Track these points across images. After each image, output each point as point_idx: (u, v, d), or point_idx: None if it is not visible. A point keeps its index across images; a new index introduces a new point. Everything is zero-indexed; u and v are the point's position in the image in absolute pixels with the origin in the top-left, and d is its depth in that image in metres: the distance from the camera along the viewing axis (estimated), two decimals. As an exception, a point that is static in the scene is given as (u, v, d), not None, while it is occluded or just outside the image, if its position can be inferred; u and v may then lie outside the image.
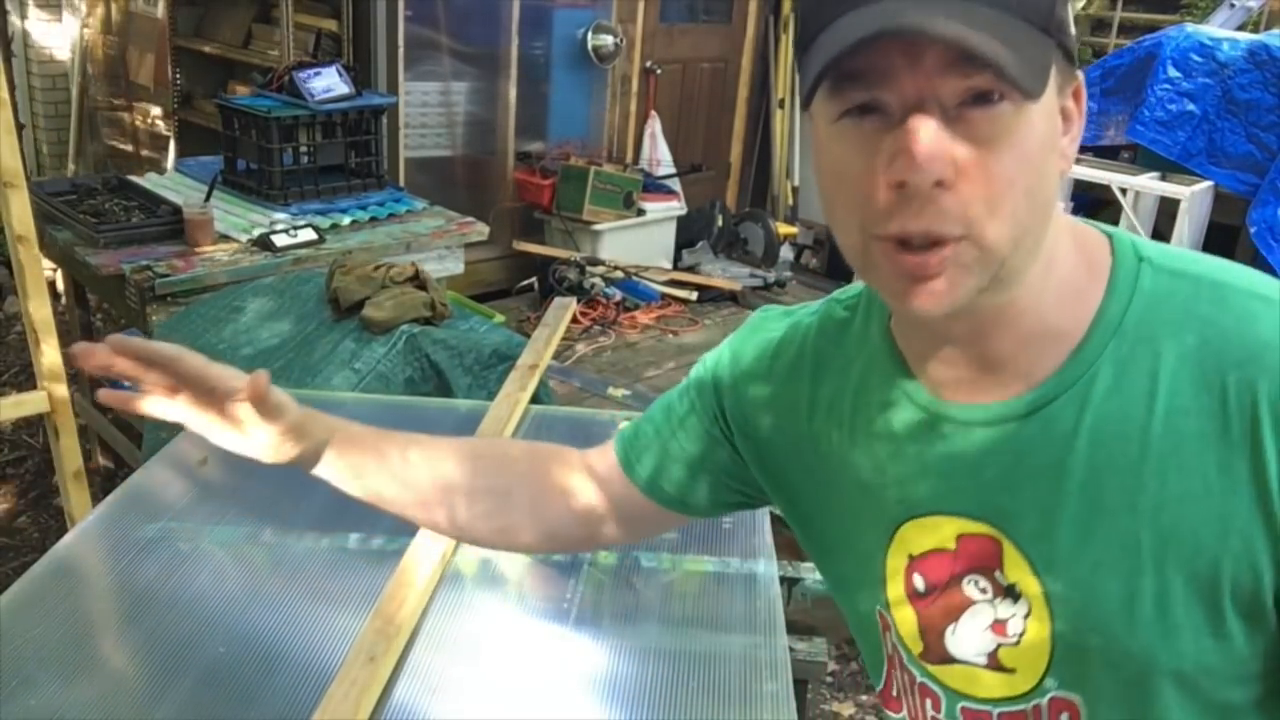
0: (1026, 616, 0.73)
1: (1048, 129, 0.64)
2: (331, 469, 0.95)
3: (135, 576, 1.49)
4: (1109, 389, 0.69)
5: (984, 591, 0.75)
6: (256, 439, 0.90)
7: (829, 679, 2.66)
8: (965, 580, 0.76)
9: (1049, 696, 0.74)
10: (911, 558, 0.79)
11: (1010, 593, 0.74)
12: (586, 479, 0.98)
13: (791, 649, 1.44)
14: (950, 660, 0.78)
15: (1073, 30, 0.66)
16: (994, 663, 0.76)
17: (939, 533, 0.77)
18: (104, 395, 0.88)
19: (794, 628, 1.57)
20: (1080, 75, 0.69)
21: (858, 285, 0.85)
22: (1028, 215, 0.64)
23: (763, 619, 1.45)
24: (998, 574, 0.74)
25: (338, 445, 0.95)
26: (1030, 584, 0.72)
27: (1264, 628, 0.68)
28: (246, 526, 1.63)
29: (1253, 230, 4.32)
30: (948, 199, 0.62)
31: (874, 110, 0.63)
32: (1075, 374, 0.70)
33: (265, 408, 0.88)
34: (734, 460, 0.92)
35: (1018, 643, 0.74)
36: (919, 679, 0.82)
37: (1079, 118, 0.69)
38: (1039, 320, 0.70)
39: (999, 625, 0.75)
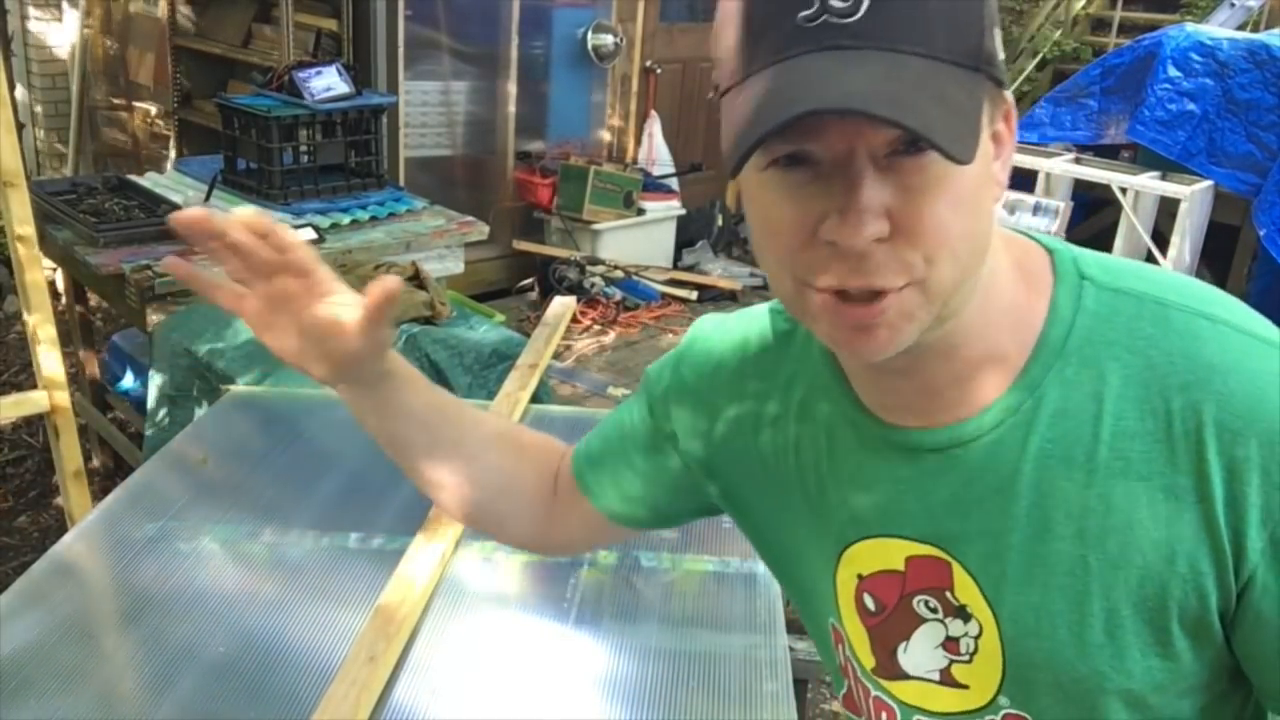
0: (978, 636, 0.73)
1: (980, 166, 0.62)
2: (376, 398, 0.86)
3: (135, 576, 1.49)
4: (1054, 413, 0.68)
5: (934, 611, 0.75)
6: (344, 341, 0.79)
7: (829, 678, 2.65)
8: (915, 600, 0.75)
9: (1002, 714, 0.74)
10: (861, 577, 0.78)
11: (961, 613, 0.73)
12: (553, 491, 0.96)
13: (791, 649, 1.44)
14: (903, 676, 0.78)
15: (1001, 55, 0.64)
16: (948, 679, 0.76)
17: (887, 554, 0.76)
18: (169, 261, 0.79)
19: (794, 627, 1.57)
20: (1010, 98, 0.67)
21: None
22: (968, 255, 0.63)
23: (763, 619, 1.46)
24: (949, 594, 0.74)
25: (399, 379, 0.87)
26: (980, 605, 0.72)
27: (1211, 643, 0.68)
28: (246, 526, 1.63)
29: (1262, 233, 4.31)
30: (884, 252, 0.61)
31: (802, 161, 0.61)
32: (1019, 399, 0.69)
33: (379, 316, 0.78)
34: (686, 473, 0.90)
35: (970, 661, 0.74)
36: (874, 693, 0.82)
37: (1010, 138, 0.67)
38: (980, 347, 0.70)
39: (951, 643, 0.75)
